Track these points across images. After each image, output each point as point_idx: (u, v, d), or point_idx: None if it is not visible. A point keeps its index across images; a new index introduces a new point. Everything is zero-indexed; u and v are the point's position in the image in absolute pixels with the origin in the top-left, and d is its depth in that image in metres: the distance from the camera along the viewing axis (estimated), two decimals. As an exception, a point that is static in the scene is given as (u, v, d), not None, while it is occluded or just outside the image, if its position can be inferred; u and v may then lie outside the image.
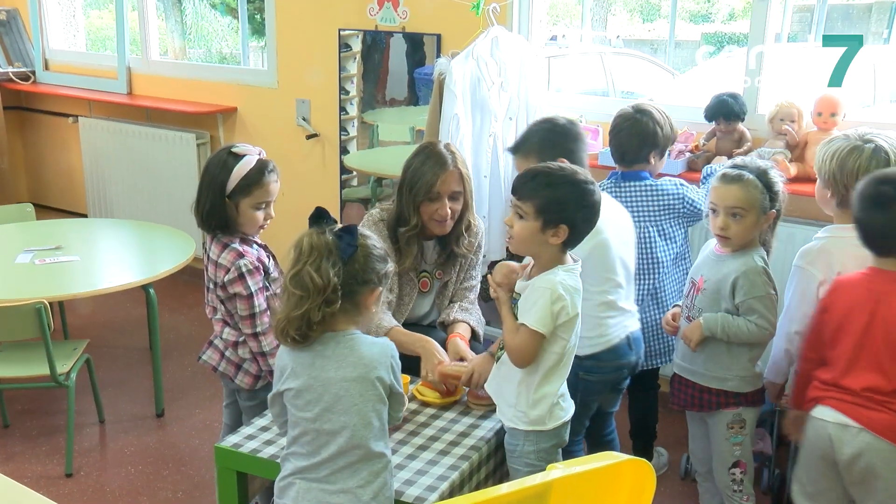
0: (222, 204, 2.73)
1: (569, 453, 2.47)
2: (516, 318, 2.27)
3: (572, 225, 2.21)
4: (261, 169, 2.77)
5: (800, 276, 2.57)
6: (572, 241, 2.25)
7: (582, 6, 8.19)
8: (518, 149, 2.77)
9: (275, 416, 2.16)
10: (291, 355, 2.06)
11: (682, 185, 3.11)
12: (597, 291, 2.62)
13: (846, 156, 2.50)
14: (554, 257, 2.26)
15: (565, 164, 2.36)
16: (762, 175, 2.51)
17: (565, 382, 2.33)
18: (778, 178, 2.55)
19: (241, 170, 2.73)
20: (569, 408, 2.36)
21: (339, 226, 2.02)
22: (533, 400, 2.28)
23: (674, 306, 2.88)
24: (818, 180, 2.62)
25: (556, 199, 2.21)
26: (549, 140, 2.67)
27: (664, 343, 3.18)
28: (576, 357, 2.54)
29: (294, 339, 2.01)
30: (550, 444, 2.33)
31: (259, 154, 2.81)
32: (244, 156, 2.76)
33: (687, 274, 3.16)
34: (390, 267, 2.10)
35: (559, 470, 1.16)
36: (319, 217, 2.03)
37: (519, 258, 2.46)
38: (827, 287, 2.49)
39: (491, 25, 3.64)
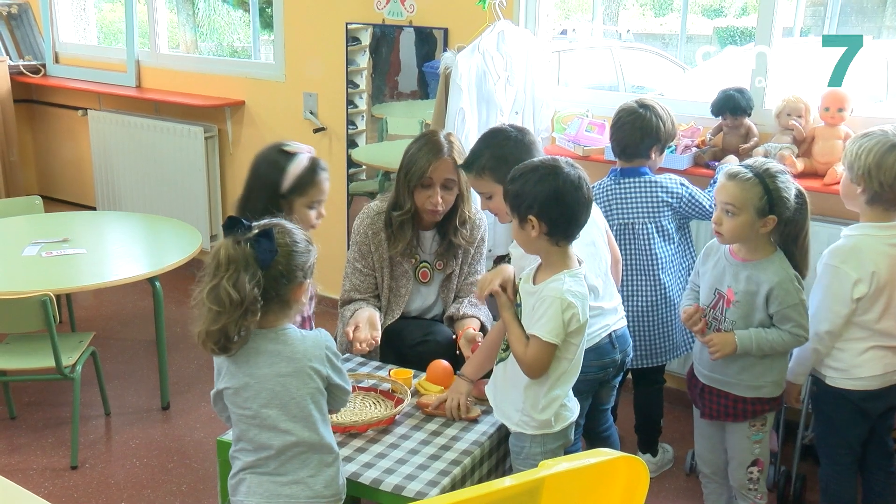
0: (277, 204, 2.67)
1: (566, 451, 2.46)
2: (519, 324, 2.25)
3: (542, 216, 2.17)
4: (313, 167, 2.75)
5: (832, 276, 2.49)
6: (558, 234, 2.20)
7: (593, 0, 8.16)
8: (470, 167, 2.66)
9: (219, 412, 2.15)
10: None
11: (683, 184, 3.08)
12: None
13: (886, 152, 2.43)
14: (555, 258, 2.23)
15: (557, 159, 2.28)
16: (766, 177, 2.42)
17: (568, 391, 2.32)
18: (787, 186, 2.44)
19: (295, 169, 2.70)
20: (574, 408, 2.35)
21: (256, 230, 1.96)
22: (542, 405, 2.26)
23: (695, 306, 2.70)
24: (846, 174, 2.54)
25: (513, 193, 2.22)
26: (500, 156, 2.58)
27: (669, 340, 3.16)
28: None
29: (214, 351, 1.98)
30: (557, 445, 2.32)
31: (310, 152, 2.79)
32: (296, 154, 2.74)
33: (689, 271, 3.13)
34: (314, 256, 2.05)
35: (551, 466, 1.15)
36: (233, 225, 1.96)
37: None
38: (862, 286, 2.44)
39: (497, 19, 3.62)
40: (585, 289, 2.23)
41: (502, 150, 2.60)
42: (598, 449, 1.25)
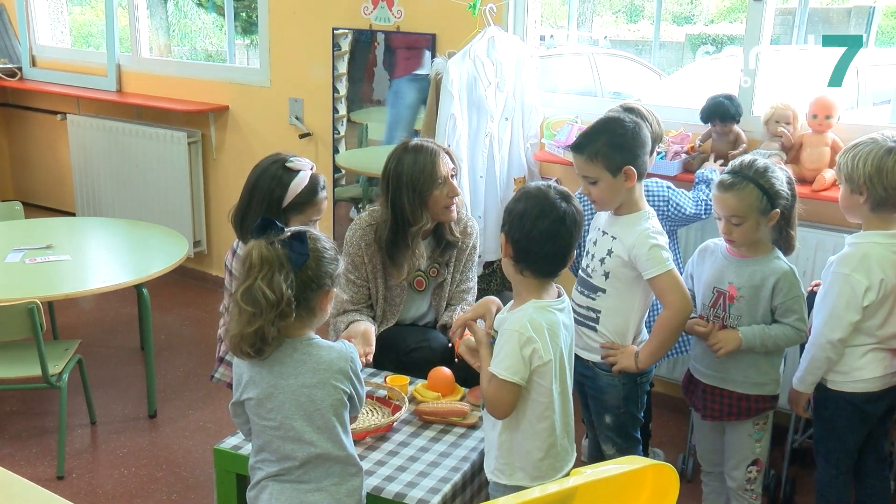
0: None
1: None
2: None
3: (509, 236, 2.11)
4: (313, 187, 2.73)
5: (843, 283, 2.50)
6: (521, 262, 2.11)
7: (568, 7, 8.21)
8: (583, 149, 2.54)
9: (239, 424, 2.12)
10: (248, 364, 2.01)
11: (669, 187, 3.10)
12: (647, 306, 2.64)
13: (883, 157, 2.45)
14: (522, 288, 2.14)
15: (547, 183, 2.19)
16: (759, 176, 2.46)
17: (558, 438, 2.17)
18: (778, 177, 2.49)
19: (296, 186, 2.68)
20: (560, 467, 2.19)
21: (288, 232, 1.95)
22: (519, 453, 2.15)
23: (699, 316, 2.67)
24: (845, 186, 2.56)
25: (506, 208, 2.17)
26: (616, 144, 2.51)
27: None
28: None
29: (248, 355, 1.96)
30: None
31: (311, 168, 2.76)
32: (298, 171, 2.71)
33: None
34: (342, 266, 2.05)
35: (583, 475, 1.16)
36: (266, 226, 1.95)
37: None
38: (871, 293, 2.46)
39: (487, 25, 3.63)
40: (558, 319, 2.10)
41: (619, 140, 2.51)
42: (630, 456, 1.26)
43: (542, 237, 2.08)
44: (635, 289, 2.55)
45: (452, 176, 2.89)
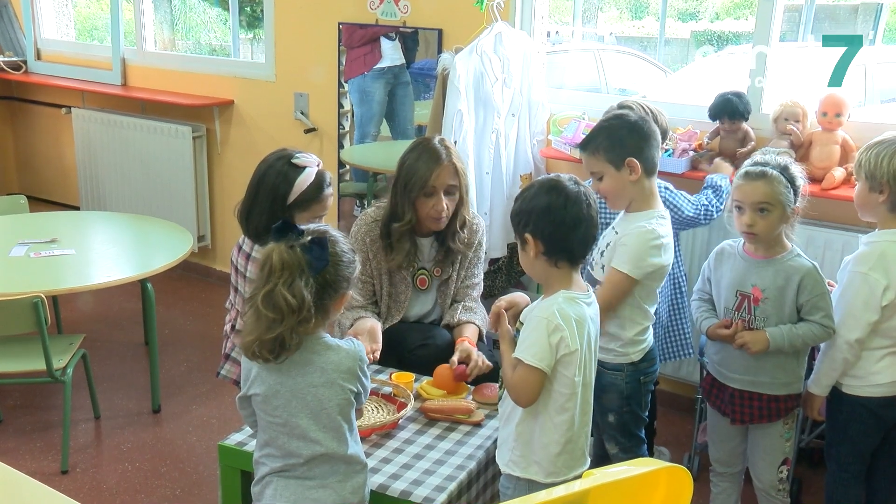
0: (278, 214, 2.61)
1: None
2: (513, 349, 2.13)
3: (537, 233, 2.09)
4: (320, 183, 2.72)
5: (862, 283, 2.48)
6: (555, 253, 2.10)
7: (573, 2, 8.18)
8: (586, 146, 2.58)
9: (245, 417, 2.12)
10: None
11: (667, 188, 3.05)
12: (649, 305, 2.60)
13: None
14: (555, 281, 2.13)
15: (555, 174, 2.21)
16: (784, 170, 2.48)
17: (575, 434, 2.16)
18: (799, 174, 2.52)
19: (301, 183, 2.67)
20: (576, 468, 2.18)
21: (308, 236, 1.92)
22: (535, 445, 2.14)
23: (721, 321, 2.64)
24: (864, 183, 2.53)
25: (514, 212, 2.16)
26: (616, 137, 2.53)
27: (661, 343, 3.17)
28: (633, 364, 2.54)
29: (266, 360, 1.94)
30: None
31: (318, 165, 2.75)
32: (304, 167, 2.70)
33: (676, 279, 3.12)
34: (358, 266, 2.04)
35: (596, 477, 1.14)
36: (285, 229, 1.92)
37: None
38: (890, 292, 2.44)
39: (495, 21, 3.61)
40: (585, 312, 2.11)
41: (619, 133, 2.53)
42: (642, 458, 1.24)
43: (574, 223, 2.09)
44: None
45: (449, 192, 2.83)
